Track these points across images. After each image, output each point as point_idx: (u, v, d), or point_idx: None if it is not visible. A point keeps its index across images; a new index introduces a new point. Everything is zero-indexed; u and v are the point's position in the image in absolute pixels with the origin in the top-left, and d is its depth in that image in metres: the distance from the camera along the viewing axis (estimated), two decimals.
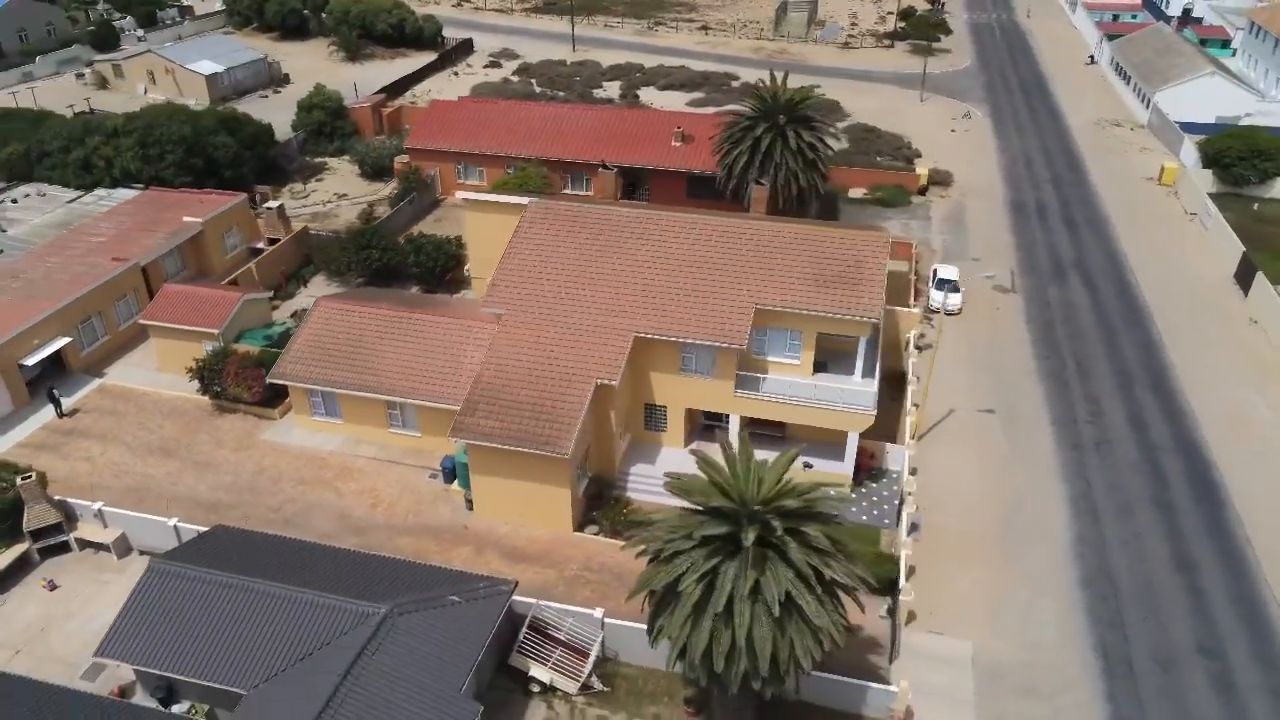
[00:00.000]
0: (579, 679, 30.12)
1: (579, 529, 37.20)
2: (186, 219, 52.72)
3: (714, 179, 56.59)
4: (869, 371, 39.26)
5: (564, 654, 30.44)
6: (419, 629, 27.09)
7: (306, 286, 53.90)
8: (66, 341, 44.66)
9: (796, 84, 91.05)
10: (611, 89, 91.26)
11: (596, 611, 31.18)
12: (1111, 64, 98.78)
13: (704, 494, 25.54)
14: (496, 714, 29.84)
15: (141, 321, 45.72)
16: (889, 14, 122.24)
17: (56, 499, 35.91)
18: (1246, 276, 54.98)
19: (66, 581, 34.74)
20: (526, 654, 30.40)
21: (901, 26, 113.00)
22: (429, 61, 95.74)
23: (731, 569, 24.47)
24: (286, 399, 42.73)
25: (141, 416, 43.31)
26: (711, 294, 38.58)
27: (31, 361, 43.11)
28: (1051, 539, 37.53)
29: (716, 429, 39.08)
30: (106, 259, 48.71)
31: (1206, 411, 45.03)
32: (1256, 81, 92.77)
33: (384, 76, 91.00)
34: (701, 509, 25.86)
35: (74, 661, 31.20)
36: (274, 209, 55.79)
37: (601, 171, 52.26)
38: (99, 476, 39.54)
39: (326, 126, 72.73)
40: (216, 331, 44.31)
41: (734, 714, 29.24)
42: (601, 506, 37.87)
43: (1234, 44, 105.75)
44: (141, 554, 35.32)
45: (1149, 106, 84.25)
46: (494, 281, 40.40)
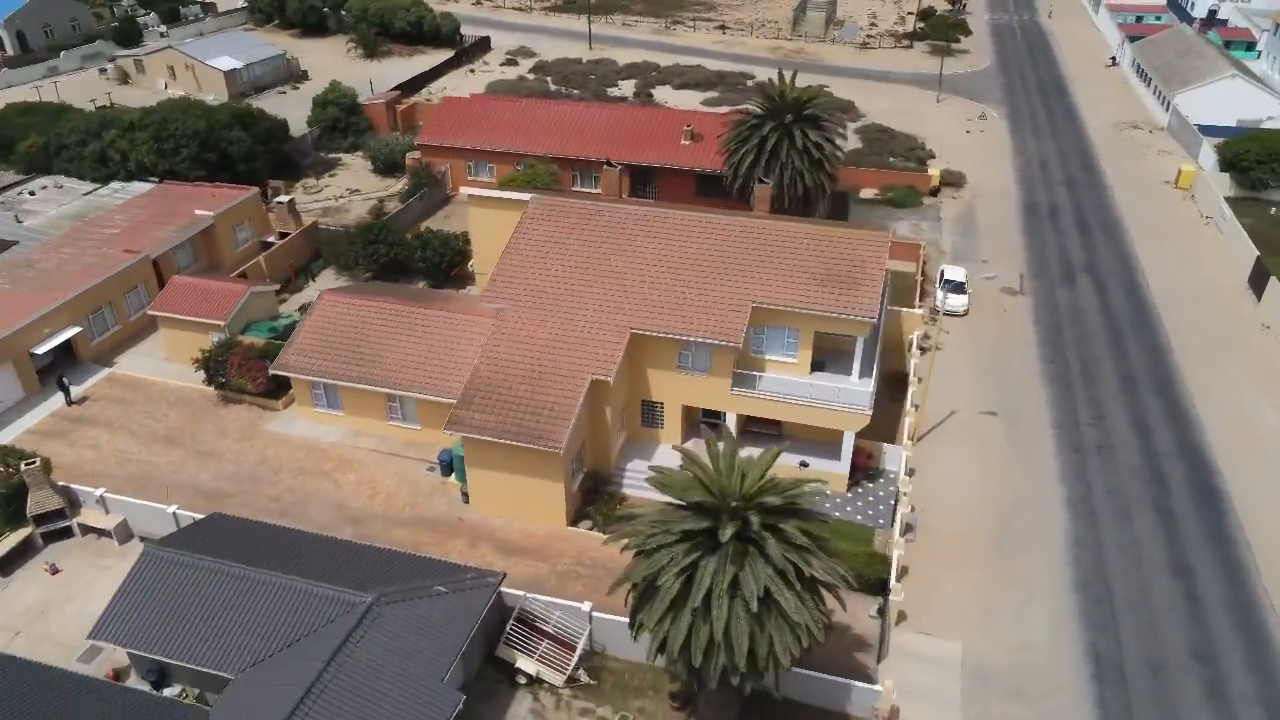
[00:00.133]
0: (565, 671, 30.30)
1: (573, 524, 37.40)
2: (198, 212, 53.45)
3: (722, 178, 56.61)
4: (866, 371, 39.15)
5: (551, 646, 30.65)
6: (404, 618, 27.39)
7: (315, 280, 54.50)
8: (77, 331, 45.43)
9: (814, 84, 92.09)
10: (626, 87, 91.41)
11: (584, 605, 31.34)
12: (1132, 66, 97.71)
13: (686, 489, 25.64)
14: (483, 704, 30.13)
15: (150, 312, 46.42)
16: (909, 14, 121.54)
17: (60, 485, 36.58)
18: (1260, 281, 54.24)
19: (68, 566, 35.41)
20: (513, 646, 30.62)
21: (920, 27, 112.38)
22: (446, 59, 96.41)
23: (711, 564, 24.58)
24: (290, 391, 43.24)
25: (148, 406, 44.00)
26: (709, 291, 38.61)
27: (42, 350, 43.90)
28: (1048, 542, 37.28)
29: (704, 425, 39.13)
30: (118, 251, 49.49)
31: (1212, 417, 44.53)
32: None
33: (401, 73, 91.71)
34: (684, 504, 25.98)
35: (72, 644, 31.76)
36: (284, 203, 56.43)
37: (606, 169, 52.43)
38: (104, 464, 40.22)
39: (341, 122, 73.42)
40: (223, 323, 44.90)
41: (718, 710, 29.37)
42: (596, 502, 38.09)
43: (1259, 46, 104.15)
44: (142, 540, 35.82)
45: (1169, 109, 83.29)
46: (494, 277, 40.68)
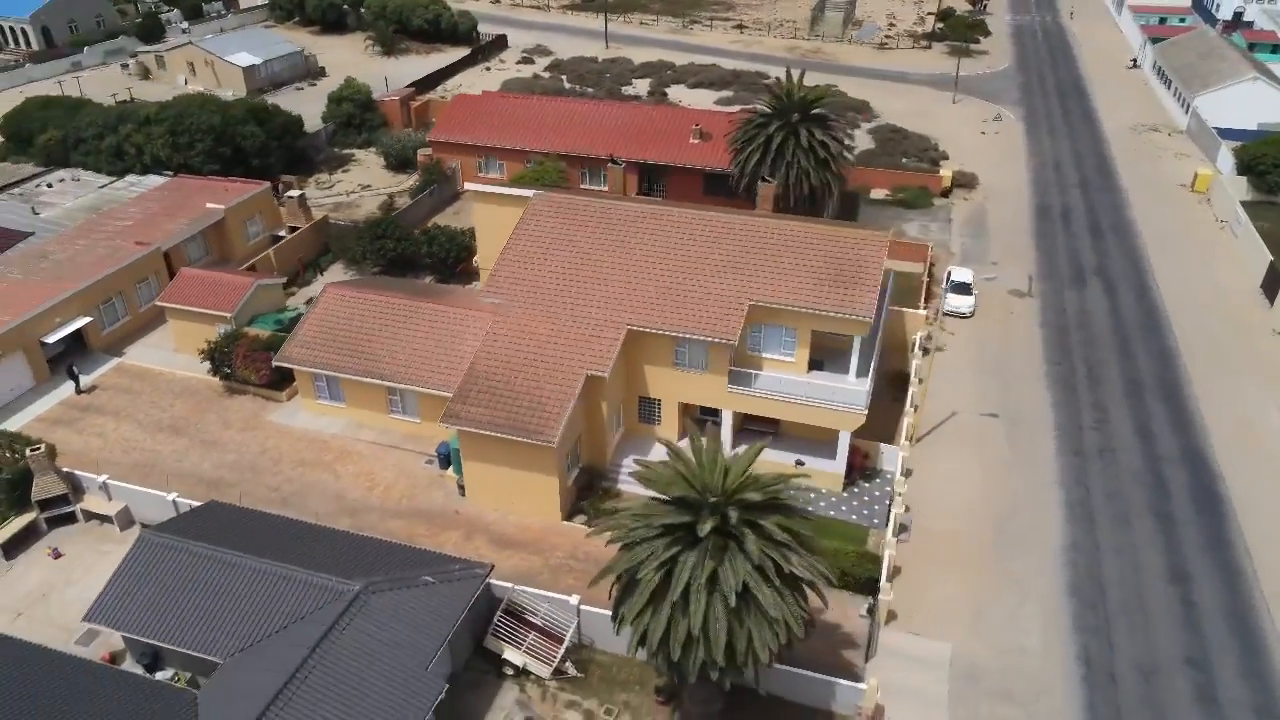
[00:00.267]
0: (551, 663, 30.52)
1: (568, 518, 37.63)
2: (209, 206, 54.18)
3: (730, 177, 56.60)
4: (863, 371, 39.08)
5: (538, 639, 30.88)
6: (390, 607, 27.71)
7: (323, 274, 55.06)
8: (87, 321, 46.19)
9: (829, 84, 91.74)
10: (641, 86, 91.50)
11: (572, 598, 31.54)
12: (1153, 68, 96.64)
13: (668, 484, 25.76)
14: (470, 694, 30.43)
15: (159, 303, 47.11)
16: (928, 15, 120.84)
17: (65, 471, 37.24)
18: (1273, 286, 53.59)
19: (71, 551, 36.07)
20: (501, 637, 30.87)
21: (939, 28, 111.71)
22: (462, 57, 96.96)
23: (690, 558, 24.68)
24: (294, 382, 43.75)
25: (155, 395, 44.68)
26: (706, 289, 38.69)
27: (52, 339, 44.69)
28: (1043, 545, 37.07)
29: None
30: (130, 243, 50.28)
31: (1218, 423, 44.06)
32: None
33: (418, 71, 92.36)
34: (667, 499, 26.11)
35: (71, 627, 32.32)
36: (295, 198, 57.05)
37: (610, 166, 52.62)
38: (110, 452, 40.91)
39: (355, 119, 74.09)
40: (229, 315, 45.51)
41: (702, 705, 29.39)
42: (591, 497, 38.27)
43: None
44: (143, 527, 36.45)
45: (1188, 112, 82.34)
46: (494, 272, 41.00)
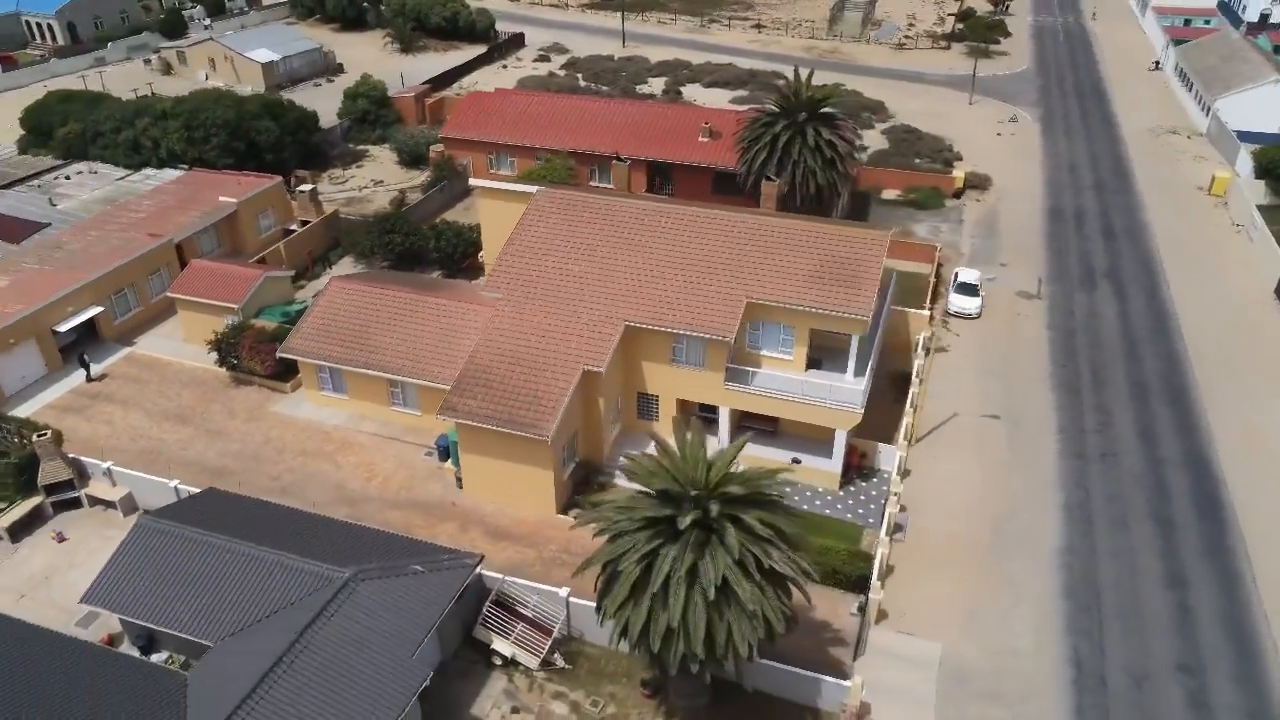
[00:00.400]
0: (539, 654, 30.76)
1: (563, 512, 37.83)
2: (222, 199, 54.94)
3: (738, 175, 56.65)
4: (861, 370, 39.06)
5: (526, 629, 31.12)
6: (379, 594, 28.06)
7: (332, 268, 55.65)
8: (99, 311, 46.98)
9: (845, 85, 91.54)
10: (656, 85, 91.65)
11: (562, 590, 31.78)
12: (1175, 70, 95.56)
13: (651, 476, 25.93)
14: (459, 683, 30.75)
15: (169, 294, 47.85)
16: (949, 15, 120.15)
17: (71, 457, 37.97)
18: None
19: (75, 535, 36.75)
20: (490, 628, 31.15)
21: (959, 28, 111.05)
22: (479, 54, 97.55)
23: (672, 551, 24.84)
24: (299, 374, 44.28)
25: (163, 385, 45.39)
26: (705, 286, 38.82)
27: (64, 328, 45.50)
28: (1040, 547, 36.86)
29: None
30: (143, 234, 51.09)
31: (1224, 428, 43.58)
32: None
33: (436, 68, 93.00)
34: (651, 492, 26.29)
35: (72, 609, 32.89)
36: (306, 192, 57.71)
37: (615, 163, 52.80)
38: (117, 439, 41.61)
39: (370, 115, 74.82)
40: (237, 306, 46.13)
41: (688, 698, 29.58)
42: (587, 491, 38.48)
43: None
44: (146, 512, 37.05)
45: (1209, 114, 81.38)
46: (495, 267, 41.36)
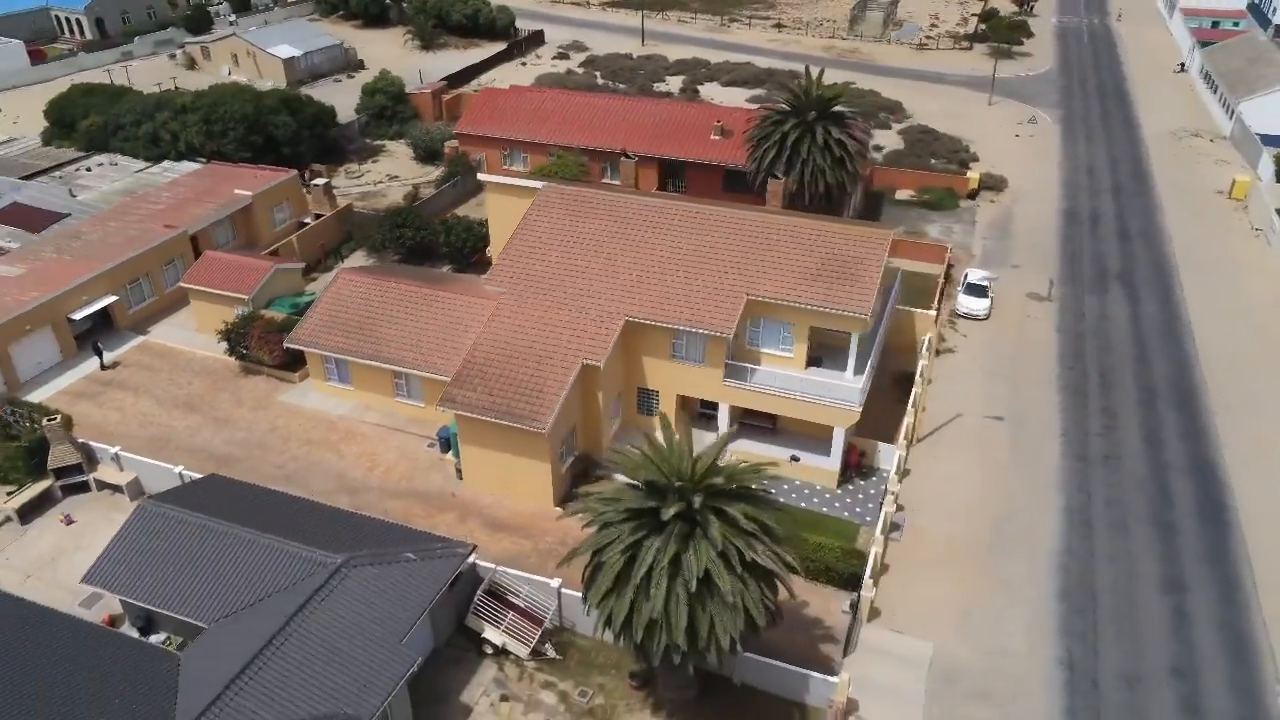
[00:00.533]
0: (529, 644, 31.06)
1: (561, 505, 38.13)
2: (237, 192, 55.73)
3: (747, 173, 56.69)
4: (860, 369, 39.02)
5: (517, 619, 31.42)
6: (370, 581, 28.47)
7: (344, 261, 56.28)
8: (113, 299, 47.88)
9: (866, 84, 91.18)
10: (674, 83, 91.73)
11: (554, 581, 32.06)
12: (1200, 72, 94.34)
13: (637, 468, 26.14)
14: (450, 670, 31.14)
15: (182, 284, 48.64)
16: (973, 16, 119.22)
17: (80, 442, 38.73)
18: None
19: (82, 518, 37.51)
20: (481, 616, 31.49)
21: (981, 28, 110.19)
22: (498, 51, 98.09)
23: (655, 543, 25.04)
24: (306, 364, 44.87)
25: (173, 373, 46.18)
26: (705, 283, 38.94)
27: (79, 316, 46.41)
28: (1037, 549, 36.68)
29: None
30: (159, 226, 51.96)
31: (1231, 434, 43.10)
32: None
33: (455, 65, 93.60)
34: (638, 484, 26.50)
35: (76, 590, 33.62)
36: (320, 186, 58.41)
37: (623, 160, 53.04)
38: (127, 425, 42.42)
39: (388, 110, 75.54)
40: (247, 297, 46.83)
41: (676, 691, 29.80)
42: (585, 484, 38.73)
43: None
44: (151, 497, 37.76)
45: (1232, 117, 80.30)
46: (499, 261, 41.74)
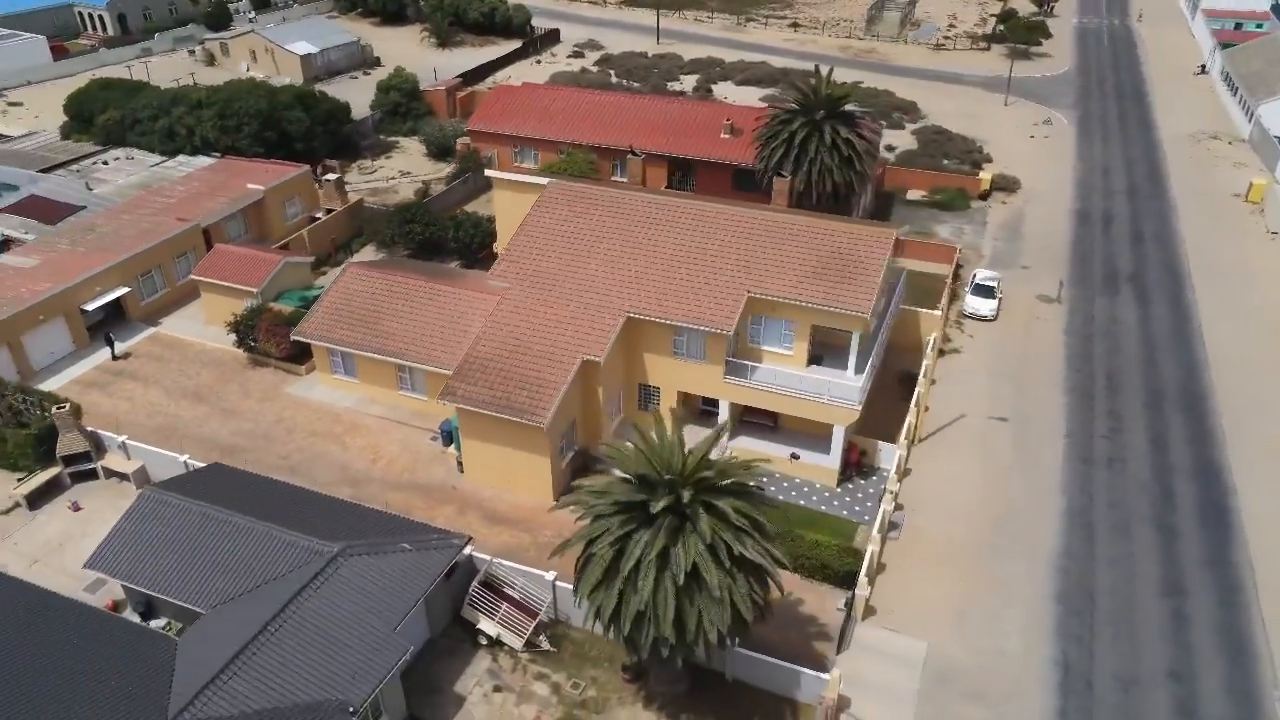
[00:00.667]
0: (523, 635, 31.30)
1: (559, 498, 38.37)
2: (250, 186, 56.36)
3: (755, 172, 56.67)
4: (861, 367, 39.01)
5: (511, 611, 31.66)
6: (365, 570, 28.78)
7: (354, 255, 56.75)
8: (125, 291, 48.55)
9: (882, 85, 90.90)
10: (688, 82, 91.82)
11: (549, 574, 32.28)
12: (1221, 74, 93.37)
13: (630, 463, 26.30)
14: (445, 660, 31.43)
15: (192, 277, 49.27)
16: (992, 16, 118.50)
17: (89, 430, 39.34)
18: None
19: (90, 505, 38.10)
20: (476, 608, 31.75)
21: (1000, 29, 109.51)
22: (513, 49, 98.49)
23: (644, 536, 25.19)
24: (313, 357, 45.33)
25: (183, 364, 46.80)
26: (707, 280, 39.05)
27: (92, 307, 47.11)
28: (1036, 550, 36.53)
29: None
30: (172, 219, 52.64)
31: (1239, 439, 42.71)
32: None
33: (471, 62, 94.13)
34: (630, 477, 26.66)
35: (81, 575, 34.14)
36: (331, 181, 58.95)
37: (630, 157, 53.21)
38: (135, 414, 43.04)
39: (402, 107, 76.10)
40: (256, 290, 47.36)
41: (668, 685, 29.95)
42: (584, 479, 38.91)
43: None
44: (153, 485, 38.28)
45: (1251, 119, 79.41)
46: (503, 256, 42.04)
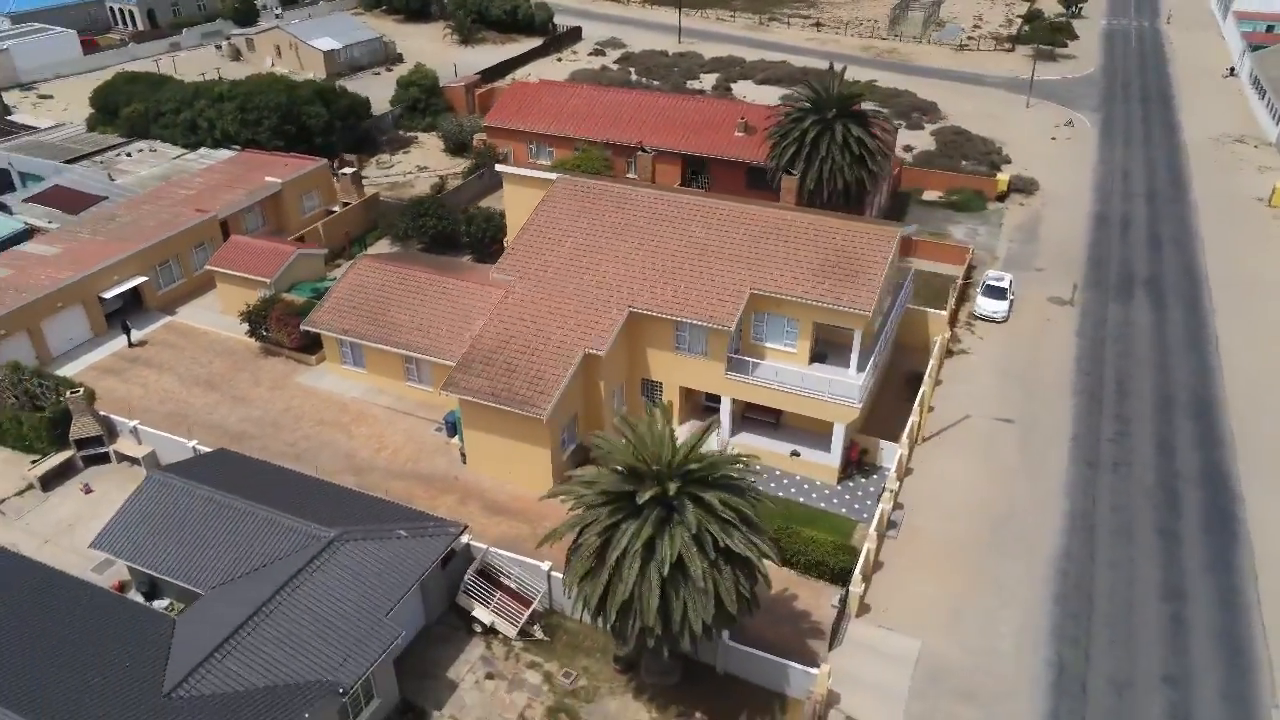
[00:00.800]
0: (517, 624, 31.65)
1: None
2: (268, 179, 57.19)
3: (766, 170, 56.69)
4: (863, 366, 38.99)
5: (505, 599, 32.04)
6: (360, 555, 29.25)
7: (369, 249, 57.42)
8: (142, 280, 49.50)
9: (903, 85, 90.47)
10: (708, 81, 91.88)
11: (544, 564, 32.60)
12: (1250, 77, 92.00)
13: (618, 454, 26.54)
14: (439, 646, 31.85)
15: (208, 267, 50.12)
16: (1017, 17, 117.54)
17: (102, 414, 40.19)
18: None
19: (101, 488, 38.93)
20: (471, 595, 32.15)
21: (1024, 30, 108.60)
22: (534, 47, 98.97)
23: (631, 527, 25.42)
24: (323, 347, 45.99)
25: (197, 353, 47.66)
26: (710, 276, 39.21)
27: (110, 295, 48.08)
28: (1036, 552, 36.36)
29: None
30: (191, 210, 53.56)
31: (1248, 445, 42.18)
32: None
33: (493, 59, 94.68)
34: (620, 469, 26.89)
35: (89, 556, 34.93)
36: (348, 175, 59.69)
37: (640, 154, 53.45)
38: (148, 400, 43.91)
39: (421, 103, 76.82)
40: (269, 281, 48.12)
41: (658, 676, 30.17)
42: None
43: None
44: (159, 469, 39.04)
45: (1279, 123, 78.26)
46: (509, 250, 42.42)
